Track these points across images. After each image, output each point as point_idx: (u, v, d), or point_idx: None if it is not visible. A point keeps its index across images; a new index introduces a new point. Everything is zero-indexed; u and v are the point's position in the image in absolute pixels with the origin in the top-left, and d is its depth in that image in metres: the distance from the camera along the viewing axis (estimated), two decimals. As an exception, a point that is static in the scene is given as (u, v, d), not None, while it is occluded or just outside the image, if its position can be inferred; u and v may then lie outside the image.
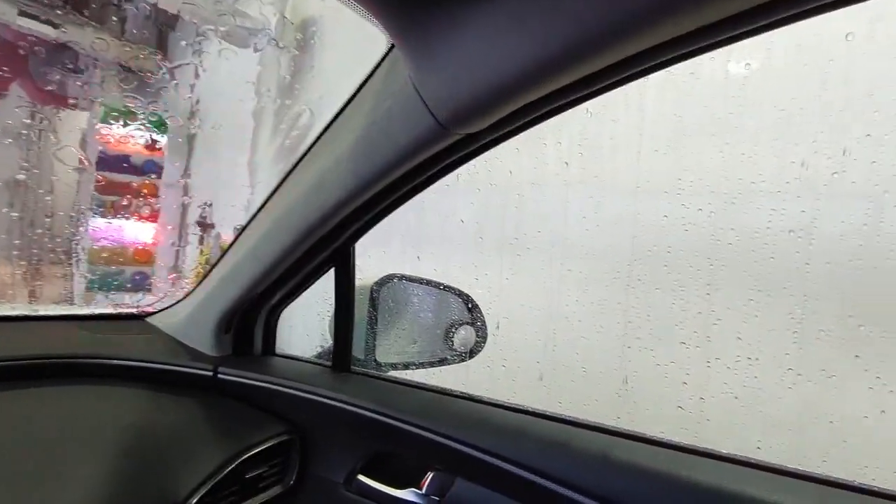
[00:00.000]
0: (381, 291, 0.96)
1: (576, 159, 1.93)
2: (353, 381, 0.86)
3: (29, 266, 3.71)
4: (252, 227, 0.82)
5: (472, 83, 0.51)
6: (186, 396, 0.84)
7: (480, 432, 0.69)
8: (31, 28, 4.06)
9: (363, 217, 0.76)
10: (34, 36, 4.19)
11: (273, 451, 0.78)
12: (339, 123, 0.69)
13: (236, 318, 0.90)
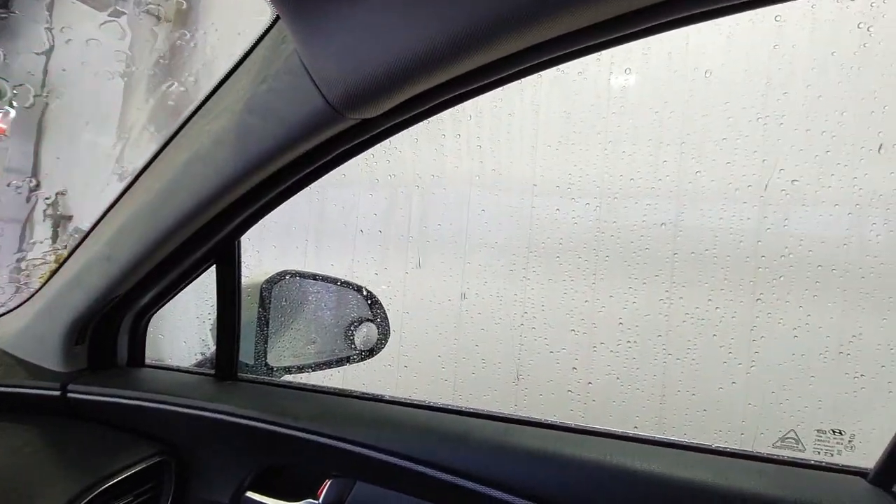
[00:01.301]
0: (273, 290, 0.88)
1: (475, 153, 1.97)
2: (239, 389, 0.78)
3: None
4: (108, 220, 0.70)
5: (364, 64, 0.48)
6: (28, 423, 0.69)
7: (379, 432, 0.67)
8: None
9: (249, 208, 0.68)
10: None
11: (142, 475, 0.67)
12: (216, 99, 0.61)
13: (91, 326, 0.76)
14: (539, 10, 0.42)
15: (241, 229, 0.75)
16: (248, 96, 0.56)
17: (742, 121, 1.67)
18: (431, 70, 0.48)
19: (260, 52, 0.57)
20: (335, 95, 0.51)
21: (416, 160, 2.01)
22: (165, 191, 0.65)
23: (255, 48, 0.58)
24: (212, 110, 0.62)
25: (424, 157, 2.00)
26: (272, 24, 0.56)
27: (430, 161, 1.99)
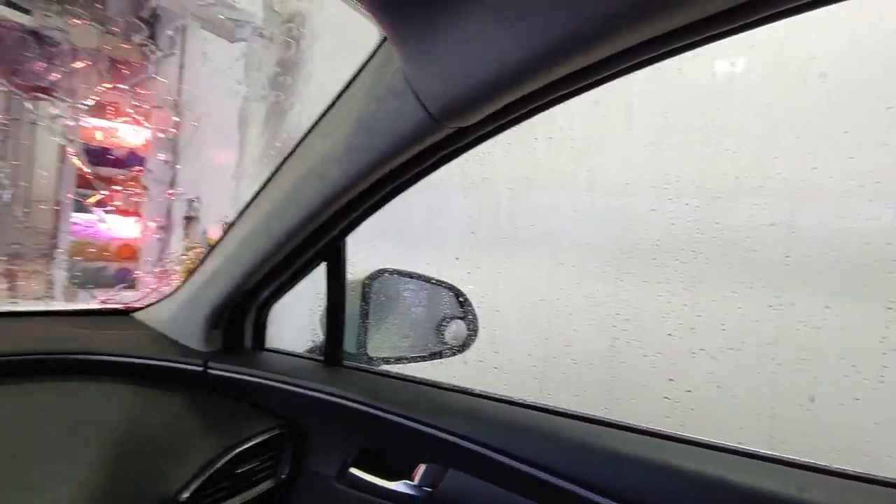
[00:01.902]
0: (373, 286, 0.96)
1: (567, 154, 1.94)
2: (344, 375, 0.87)
3: (9, 261, 3.63)
4: (242, 222, 0.82)
5: (464, 77, 0.52)
6: (176, 392, 0.83)
7: (471, 424, 0.70)
8: (18, 20, 3.95)
9: (355, 211, 0.76)
10: (21, 26, 4.07)
11: (265, 445, 0.78)
12: (330, 116, 0.69)
13: (226, 314, 0.89)
14: (638, 13, 0.42)
15: (346, 231, 0.83)
16: (356, 114, 0.63)
17: (867, 110, 1.47)
18: (528, 77, 0.51)
19: (367, 73, 0.63)
20: (436, 107, 0.55)
21: (508, 163, 2.03)
22: (284, 201, 0.75)
23: (363, 70, 0.64)
24: (324, 129, 0.70)
25: (517, 160, 2.01)
26: (378, 47, 0.62)
27: (523, 164, 2.00)
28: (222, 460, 0.70)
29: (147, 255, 3.88)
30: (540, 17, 0.44)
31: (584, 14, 0.42)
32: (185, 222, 3.26)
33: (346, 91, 0.67)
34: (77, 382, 0.78)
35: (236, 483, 0.73)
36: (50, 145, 4.91)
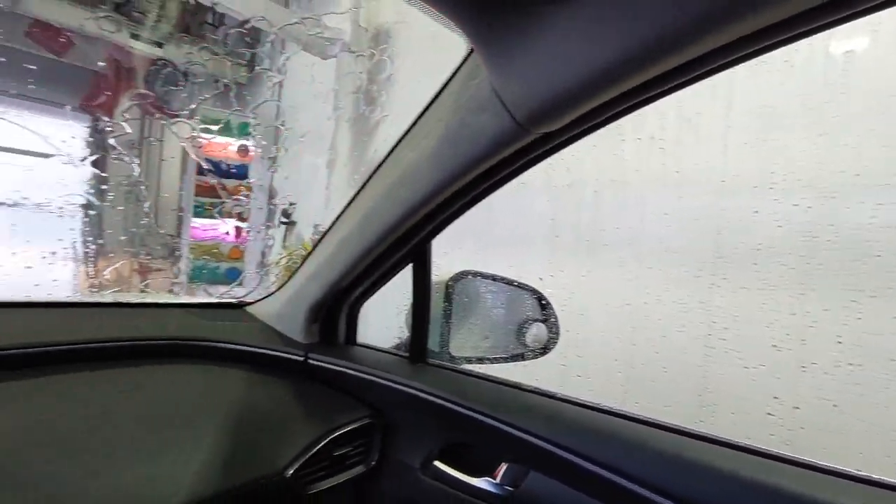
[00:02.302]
0: (456, 287, 0.99)
1: (656, 154, 1.84)
2: (429, 371, 0.91)
3: (140, 260, 4.24)
4: (338, 226, 0.89)
5: (550, 83, 0.53)
6: (281, 378, 0.92)
7: (555, 427, 0.70)
8: (140, 49, 4.59)
9: (440, 215, 0.80)
10: (143, 55, 4.72)
11: (357, 432, 0.84)
12: (418, 127, 0.73)
13: (323, 310, 0.97)
14: (729, 11, 0.41)
15: (432, 234, 0.87)
16: (444, 123, 0.66)
17: None
18: (614, 81, 0.51)
19: (455, 84, 0.66)
20: (522, 114, 0.57)
21: (593, 165, 1.98)
22: (376, 207, 0.81)
23: (451, 81, 0.68)
24: (413, 138, 0.75)
25: (602, 162, 1.95)
26: (466, 58, 0.65)
27: (608, 165, 1.94)
28: (321, 442, 0.77)
29: (252, 256, 4.31)
30: (624, 24, 0.44)
31: (673, 15, 0.42)
32: (284, 226, 3.56)
33: (434, 102, 0.71)
34: (198, 365, 0.90)
35: (332, 465, 0.80)
36: (174, 160, 5.63)
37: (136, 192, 4.68)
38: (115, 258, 4.01)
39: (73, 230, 3.56)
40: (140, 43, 4.51)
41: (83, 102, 5.03)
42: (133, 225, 4.43)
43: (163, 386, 0.81)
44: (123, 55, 4.75)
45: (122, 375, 0.79)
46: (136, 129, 5.36)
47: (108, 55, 4.94)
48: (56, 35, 4.45)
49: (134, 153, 5.16)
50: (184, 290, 4.11)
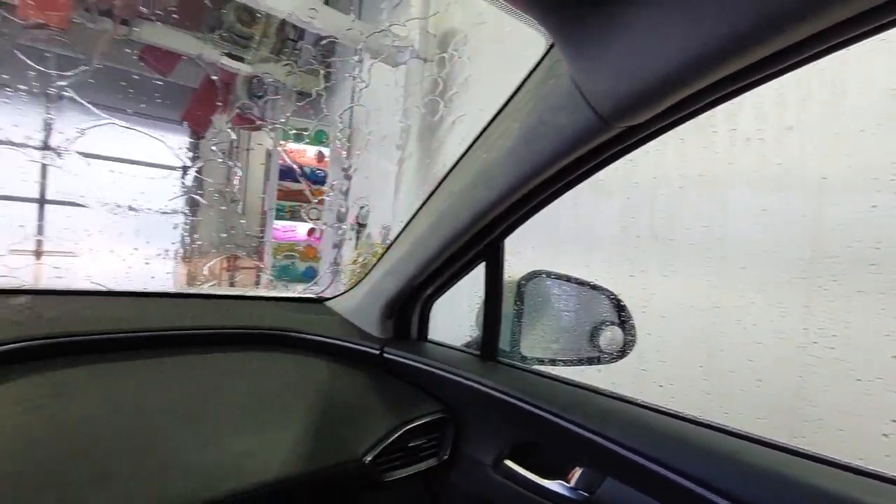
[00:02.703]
0: (528, 287, 0.99)
1: (755, 145, 1.69)
2: (500, 370, 0.91)
3: (229, 258, 4.65)
4: (413, 225, 0.92)
5: (633, 76, 0.51)
6: (358, 370, 0.97)
7: (634, 433, 0.67)
8: (229, 65, 5.01)
9: (515, 214, 0.80)
10: (233, 71, 5.15)
11: (430, 426, 0.86)
12: (495, 125, 0.74)
13: (398, 306, 1.01)
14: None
15: (505, 234, 0.87)
16: (522, 121, 0.66)
17: None
18: (707, 70, 0.48)
19: (533, 80, 0.66)
20: (605, 108, 0.55)
21: (680, 160, 1.86)
22: (451, 206, 0.82)
23: (529, 78, 0.67)
24: (489, 137, 0.75)
25: (690, 156, 1.83)
26: (546, 53, 0.64)
27: (697, 159, 1.81)
28: (397, 433, 0.80)
29: (325, 255, 4.56)
30: (711, 13, 0.42)
31: (758, 5, 0.39)
32: (356, 227, 3.73)
33: (510, 101, 0.71)
34: (284, 354, 0.97)
35: (406, 455, 0.82)
36: (257, 167, 6.10)
37: (229, 197, 5.13)
38: (210, 256, 4.44)
39: (178, 231, 4.01)
40: (231, 60, 4.94)
41: (184, 117, 5.61)
42: (225, 227, 4.87)
43: (255, 371, 0.88)
44: (217, 72, 5.23)
45: (220, 360, 0.87)
46: (227, 140, 5.88)
47: (203, 74, 5.47)
48: (163, 58, 5.00)
49: (226, 161, 5.67)
50: (267, 286, 4.44)
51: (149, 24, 4.51)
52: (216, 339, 0.90)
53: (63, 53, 4.45)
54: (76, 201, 1.25)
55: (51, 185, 5.06)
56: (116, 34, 4.36)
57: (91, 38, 4.32)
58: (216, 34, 4.82)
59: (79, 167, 1.09)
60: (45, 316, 0.76)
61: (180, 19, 4.63)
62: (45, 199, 5.25)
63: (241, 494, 0.60)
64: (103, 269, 1.16)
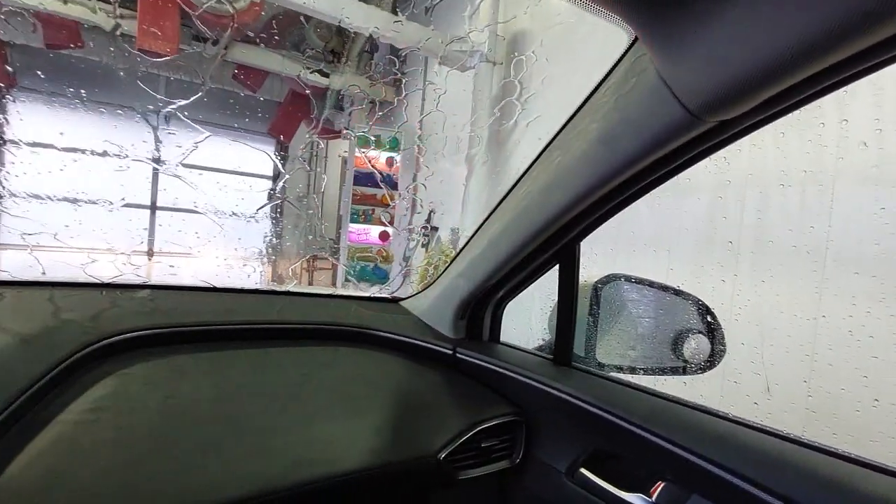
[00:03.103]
0: (604, 290, 0.95)
1: (871, 138, 1.50)
2: (574, 375, 0.88)
3: (309, 259, 4.96)
4: (487, 226, 0.92)
5: (727, 68, 0.48)
6: (431, 368, 0.99)
7: (725, 450, 0.63)
8: (311, 79, 5.34)
9: (591, 216, 0.77)
10: (314, 85, 5.49)
11: (503, 427, 0.86)
12: (574, 124, 0.72)
13: (470, 307, 1.02)
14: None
15: (581, 235, 0.85)
16: (608, 117, 0.64)
17: None
18: (807, 60, 0.44)
19: (616, 77, 0.64)
20: (695, 102, 0.52)
21: (781, 155, 1.70)
22: (527, 208, 0.82)
23: (609, 75, 0.65)
24: (573, 133, 0.74)
25: (792, 151, 1.67)
26: (627, 50, 0.62)
27: (800, 155, 1.64)
28: (470, 432, 0.80)
29: (398, 257, 4.72)
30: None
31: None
32: (426, 230, 3.82)
33: (590, 98, 0.69)
34: (361, 349, 1.01)
35: (479, 455, 0.83)
36: (333, 173, 6.45)
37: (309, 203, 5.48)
38: (293, 258, 4.77)
39: (266, 234, 4.38)
40: (312, 75, 5.27)
41: (270, 129, 6.08)
42: (305, 230, 5.20)
43: (337, 364, 0.93)
44: (299, 87, 5.61)
45: (306, 352, 0.94)
46: (308, 148, 6.28)
47: (288, 88, 5.89)
48: (253, 75, 5.46)
49: (307, 169, 6.06)
50: (342, 286, 4.68)
51: (241, 46, 4.95)
52: (302, 334, 0.97)
53: (174, 77, 5.02)
54: (190, 208, 1.43)
55: (168, 194, 5.73)
56: (220, 58, 4.84)
57: (197, 62, 4.84)
58: (299, 51, 5.17)
59: (191, 178, 1.23)
60: (163, 308, 0.86)
61: (267, 39, 5.03)
62: (161, 207, 5.94)
63: (327, 479, 0.64)
64: (208, 268, 1.31)
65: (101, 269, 1.00)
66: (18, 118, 5.21)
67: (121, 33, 4.47)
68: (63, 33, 4.44)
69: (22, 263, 0.93)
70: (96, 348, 0.71)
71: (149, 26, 3.98)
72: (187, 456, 0.62)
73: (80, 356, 0.68)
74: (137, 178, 5.29)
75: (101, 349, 0.71)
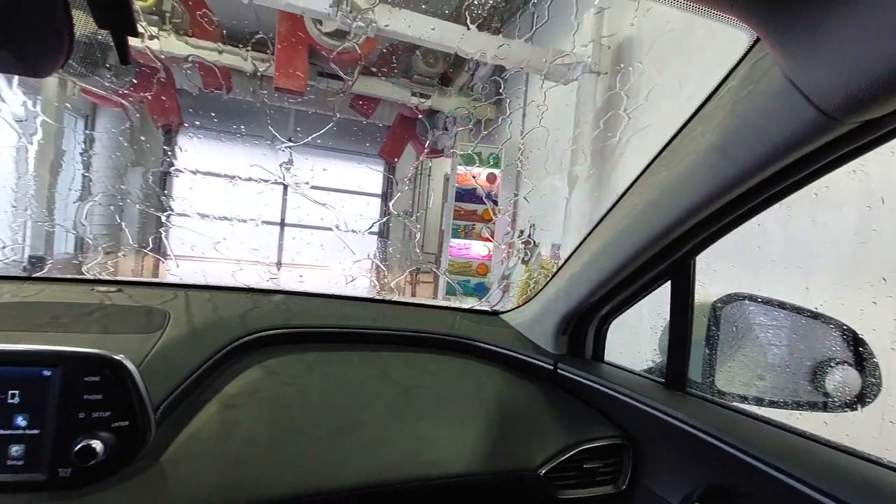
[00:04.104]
0: (724, 311, 0.87)
1: None
2: (689, 401, 0.82)
3: (412, 272, 5.20)
4: (591, 239, 0.90)
5: (864, 66, 0.43)
6: (531, 382, 0.99)
7: (881, 501, 0.54)
8: (418, 103, 5.66)
9: (709, 228, 0.72)
10: (416, 108, 5.81)
11: (607, 450, 0.82)
12: (686, 133, 0.69)
13: (572, 323, 1.00)
14: None
15: (696, 250, 0.79)
16: (727, 122, 0.61)
17: None
18: None
19: (734, 81, 0.60)
20: (831, 103, 0.48)
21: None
22: (635, 221, 0.78)
23: (727, 79, 0.61)
24: (678, 147, 0.70)
25: None
26: (748, 51, 0.58)
27: None
28: (573, 451, 0.79)
29: (497, 272, 4.74)
30: None
31: None
32: (525, 245, 3.80)
33: (704, 105, 0.66)
34: (464, 359, 1.04)
35: (581, 476, 0.80)
36: (436, 191, 6.72)
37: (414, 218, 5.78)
38: (398, 270, 5.06)
39: (376, 247, 4.73)
40: (418, 98, 5.60)
41: (381, 151, 6.56)
42: (409, 245, 5.49)
43: (440, 371, 0.98)
44: (407, 110, 5.98)
45: (413, 358, 0.99)
46: (415, 168, 6.66)
47: (396, 112, 6.32)
48: (367, 103, 5.96)
49: (412, 187, 6.42)
50: (443, 299, 4.83)
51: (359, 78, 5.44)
52: (409, 340, 1.03)
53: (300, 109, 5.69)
54: (320, 225, 1.62)
55: (299, 212, 6.47)
56: (343, 91, 5.40)
57: (322, 96, 5.46)
58: (408, 77, 5.54)
59: (317, 196, 1.41)
60: (293, 310, 0.98)
61: (380, 69, 5.47)
62: (289, 223, 6.71)
63: (433, 479, 0.68)
64: (328, 277, 1.47)
65: (245, 275, 1.17)
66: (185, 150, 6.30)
67: (260, 75, 5.21)
68: (217, 78, 5.28)
69: (189, 270, 1.13)
70: (244, 342, 0.83)
71: (284, 68, 4.58)
72: (313, 442, 0.70)
73: (231, 347, 0.81)
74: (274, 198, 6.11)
75: (246, 343, 0.84)
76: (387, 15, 3.61)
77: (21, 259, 1.44)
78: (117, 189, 5.55)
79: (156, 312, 0.83)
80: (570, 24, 4.03)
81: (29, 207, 3.46)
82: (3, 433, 0.56)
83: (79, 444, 0.56)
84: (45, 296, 0.85)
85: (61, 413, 0.57)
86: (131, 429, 0.59)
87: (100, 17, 0.45)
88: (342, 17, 3.55)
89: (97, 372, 0.58)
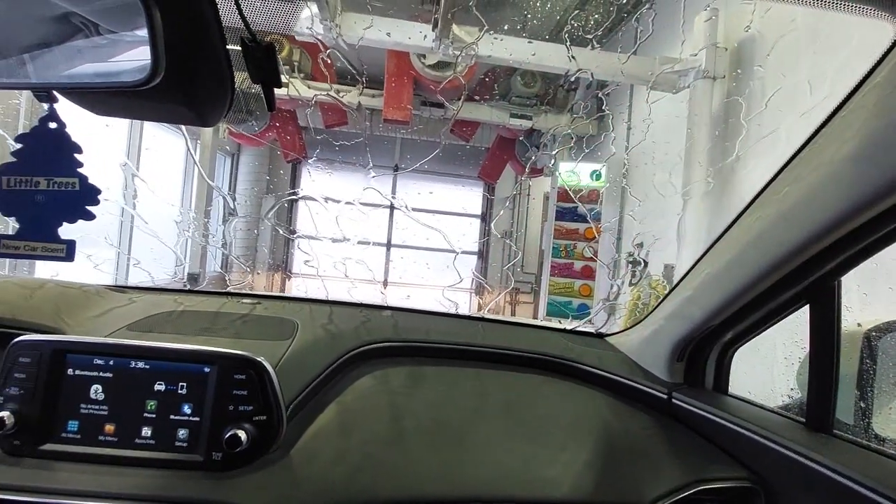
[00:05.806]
0: (883, 342, 0.74)
1: None
2: (836, 446, 0.70)
3: (511, 292, 5.18)
4: (708, 258, 0.83)
5: None
6: (642, 412, 0.92)
7: None
8: (516, 124, 5.71)
9: (858, 243, 0.63)
10: (518, 129, 5.84)
11: (732, 493, 0.74)
12: (821, 138, 0.61)
13: (689, 350, 0.92)
14: None
15: (841, 270, 0.69)
16: (862, 128, 0.54)
17: None
18: None
19: (878, 77, 0.53)
20: None
21: None
22: (760, 237, 0.71)
23: (870, 75, 0.54)
24: (810, 156, 0.63)
25: None
26: (892, 46, 0.51)
27: None
28: (692, 489, 0.72)
29: (600, 293, 4.52)
30: None
31: None
32: (631, 265, 3.57)
33: (843, 105, 0.58)
34: (566, 382, 1.00)
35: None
36: (536, 210, 6.66)
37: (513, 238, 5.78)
38: (497, 290, 5.08)
39: (476, 267, 4.83)
40: (517, 120, 5.64)
41: (480, 174, 6.70)
42: (510, 265, 5.48)
43: (542, 392, 0.96)
44: (505, 131, 6.06)
45: (513, 377, 0.99)
46: (515, 188, 6.69)
47: (496, 135, 6.43)
48: (467, 127, 6.16)
49: (512, 207, 6.44)
50: (543, 320, 4.71)
51: (456, 104, 5.67)
52: (510, 359, 1.03)
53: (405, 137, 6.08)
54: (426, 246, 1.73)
55: (406, 233, 6.89)
56: (454, 118, 5.69)
57: (425, 123, 5.79)
58: (506, 100, 5.62)
59: (424, 219, 1.50)
60: (401, 325, 1.04)
61: (479, 94, 5.64)
62: (395, 244, 7.14)
63: (534, 500, 0.67)
64: (431, 295, 1.54)
65: (358, 292, 1.28)
66: (311, 180, 7.10)
67: (370, 110, 5.70)
68: (336, 115, 5.87)
69: (311, 286, 1.26)
70: (359, 352, 0.91)
71: (392, 101, 4.95)
72: (418, 451, 0.73)
73: (348, 357, 0.88)
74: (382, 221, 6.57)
75: (361, 353, 0.91)
76: (489, 46, 3.73)
77: (183, 276, 1.77)
78: (255, 215, 6.44)
79: (287, 322, 0.95)
80: (676, 34, 3.80)
81: (189, 228, 4.15)
82: (174, 418, 0.68)
83: (228, 432, 0.65)
84: (201, 305, 1.01)
85: (216, 404, 0.68)
86: (268, 423, 0.68)
87: (254, 72, 0.56)
88: (443, 49, 3.74)
89: (244, 371, 0.68)
